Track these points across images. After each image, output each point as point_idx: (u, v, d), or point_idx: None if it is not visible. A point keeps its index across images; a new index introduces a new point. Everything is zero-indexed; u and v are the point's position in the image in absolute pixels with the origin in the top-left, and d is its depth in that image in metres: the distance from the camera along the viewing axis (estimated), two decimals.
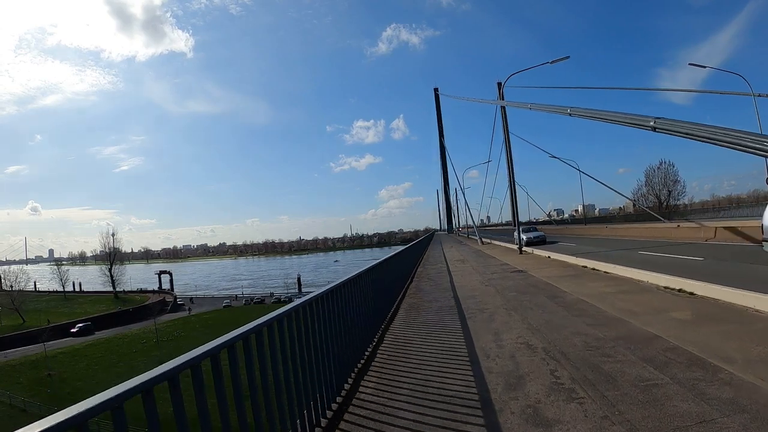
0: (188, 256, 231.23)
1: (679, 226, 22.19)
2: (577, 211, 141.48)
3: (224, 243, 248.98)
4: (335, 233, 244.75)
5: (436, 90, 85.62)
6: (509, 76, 18.37)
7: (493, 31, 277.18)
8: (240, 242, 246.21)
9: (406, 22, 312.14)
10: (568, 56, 20.04)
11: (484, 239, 32.09)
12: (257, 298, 67.92)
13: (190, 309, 63.62)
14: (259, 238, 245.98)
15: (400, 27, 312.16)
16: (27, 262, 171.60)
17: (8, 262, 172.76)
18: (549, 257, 15.08)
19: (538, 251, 17.57)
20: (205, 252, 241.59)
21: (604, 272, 10.26)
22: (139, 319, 54.48)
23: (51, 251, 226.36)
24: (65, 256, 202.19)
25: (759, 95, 22.12)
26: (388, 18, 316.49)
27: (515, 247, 21.89)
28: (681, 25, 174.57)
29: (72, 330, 48.73)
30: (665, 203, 54.63)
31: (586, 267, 11.42)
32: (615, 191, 54.99)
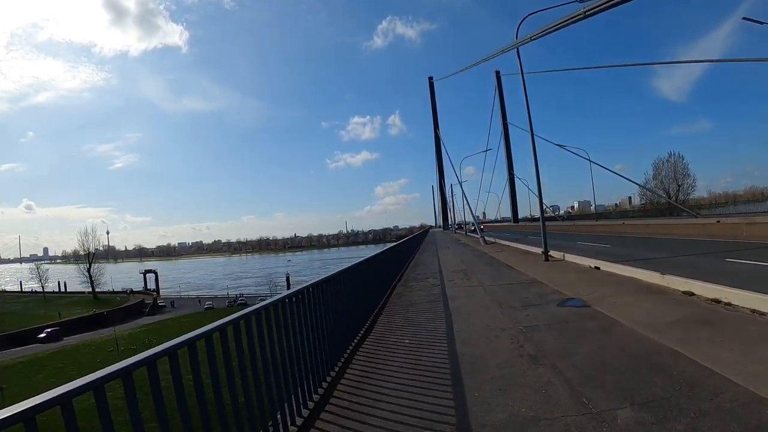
0: (182, 254, 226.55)
1: (719, 221, 18.16)
2: (572, 207, 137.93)
3: (219, 240, 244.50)
4: (331, 230, 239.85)
5: (430, 79, 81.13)
6: (526, 16, 13.17)
7: (490, 24, 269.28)
8: (235, 239, 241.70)
9: (401, 14, 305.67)
10: None
11: (487, 238, 26.93)
12: (241, 299, 62.91)
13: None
14: (254, 236, 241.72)
15: (395, 20, 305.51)
16: (21, 260, 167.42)
17: (3, 261, 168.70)
18: (597, 269, 9.92)
19: (571, 257, 12.39)
20: (199, 250, 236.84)
21: (760, 313, 5.12)
22: (119, 322, 49.96)
23: (46, 249, 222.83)
24: (60, 254, 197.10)
25: None
26: (384, 10, 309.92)
27: (532, 249, 16.78)
28: (678, 22, 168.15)
29: (39, 335, 44.35)
30: (674, 198, 50.52)
31: (695, 296, 6.25)
32: (635, 183, 49.35)
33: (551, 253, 13.28)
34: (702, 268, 8.77)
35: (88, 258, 77.76)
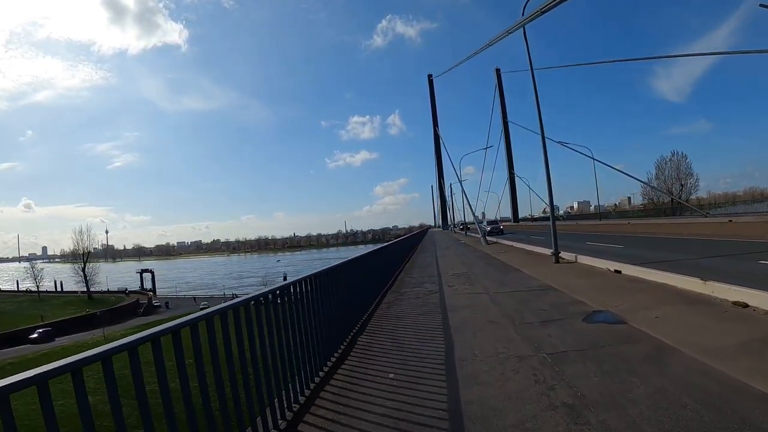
0: (181, 254, 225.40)
1: (731, 221, 17.47)
2: (572, 207, 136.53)
3: (218, 240, 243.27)
4: (330, 229, 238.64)
5: (430, 76, 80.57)
6: None
7: (491, 24, 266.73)
8: (234, 239, 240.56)
9: (401, 13, 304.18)
10: None
11: (488, 238, 25.76)
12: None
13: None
14: (254, 235, 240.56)
15: (395, 19, 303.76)
16: (20, 259, 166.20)
17: (2, 260, 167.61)
18: (618, 272, 8.73)
19: (584, 259, 11.22)
20: (198, 249, 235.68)
21: None
22: (113, 322, 48.80)
23: (45, 248, 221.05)
24: (58, 253, 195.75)
25: None
26: (383, 10, 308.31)
27: (538, 249, 15.60)
28: (678, 23, 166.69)
29: (31, 336, 43.37)
30: (678, 197, 49.43)
31: (750, 308, 5.07)
32: (642, 182, 47.23)
33: (561, 254, 12.11)
34: (736, 271, 7.63)
35: (83, 257, 76.90)
